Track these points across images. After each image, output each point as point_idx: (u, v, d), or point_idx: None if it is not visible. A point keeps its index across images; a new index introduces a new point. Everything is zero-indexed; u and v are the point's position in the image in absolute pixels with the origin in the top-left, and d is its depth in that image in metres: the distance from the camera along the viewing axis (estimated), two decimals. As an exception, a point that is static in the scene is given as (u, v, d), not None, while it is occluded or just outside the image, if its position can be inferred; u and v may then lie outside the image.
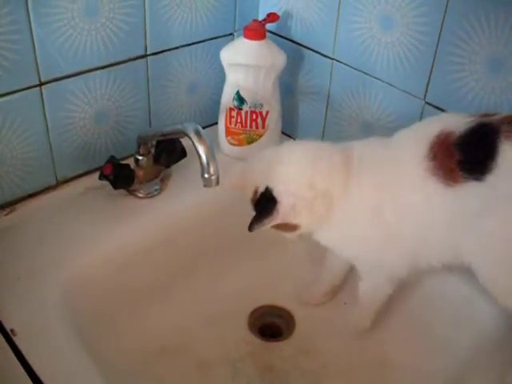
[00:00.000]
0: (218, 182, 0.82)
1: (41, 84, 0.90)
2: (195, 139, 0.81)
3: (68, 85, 0.94)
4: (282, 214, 0.82)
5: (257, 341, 1.01)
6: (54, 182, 1.01)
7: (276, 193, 0.83)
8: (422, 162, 0.79)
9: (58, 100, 0.94)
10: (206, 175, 0.81)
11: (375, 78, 1.02)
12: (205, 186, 0.82)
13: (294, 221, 0.83)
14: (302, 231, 0.86)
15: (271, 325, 1.06)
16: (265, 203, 0.83)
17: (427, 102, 0.97)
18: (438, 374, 0.91)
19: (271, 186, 0.83)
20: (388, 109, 1.03)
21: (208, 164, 0.81)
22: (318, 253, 0.97)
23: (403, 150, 0.83)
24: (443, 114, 0.91)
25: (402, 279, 0.90)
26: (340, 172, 0.84)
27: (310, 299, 1.06)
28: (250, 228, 0.82)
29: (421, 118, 0.98)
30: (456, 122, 0.78)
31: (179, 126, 0.85)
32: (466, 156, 0.76)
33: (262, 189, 0.84)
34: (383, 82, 1.01)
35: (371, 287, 0.94)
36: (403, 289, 0.94)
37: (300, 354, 0.99)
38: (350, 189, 0.83)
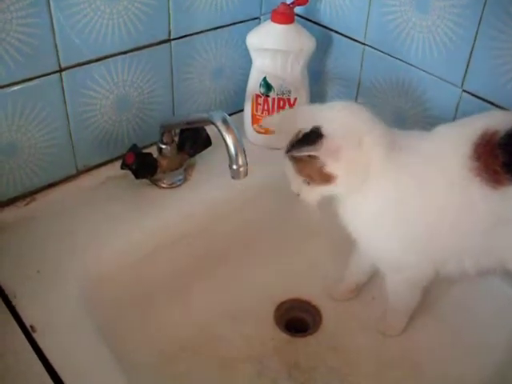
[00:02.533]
0: (246, 174, 0.79)
1: (61, 70, 0.88)
2: (222, 128, 0.79)
3: (89, 71, 0.91)
4: (325, 149, 0.77)
5: (283, 336, 0.99)
6: (74, 172, 0.99)
7: (324, 130, 0.78)
8: (465, 162, 0.76)
9: (79, 86, 0.92)
10: (235, 166, 0.79)
11: (409, 64, 0.98)
12: (233, 177, 0.80)
13: (332, 166, 0.78)
14: (332, 189, 0.81)
15: (297, 319, 1.04)
16: (311, 135, 0.78)
17: (465, 90, 0.92)
18: (468, 378, 0.89)
19: (320, 125, 0.78)
20: (422, 97, 0.99)
21: (236, 155, 0.78)
22: (346, 247, 0.94)
23: (445, 148, 0.79)
24: (491, 111, 0.87)
25: (427, 285, 0.88)
26: (382, 150, 0.80)
27: (336, 294, 1.04)
28: (288, 150, 0.79)
29: (458, 107, 0.94)
30: (502, 121, 0.75)
31: (205, 115, 0.82)
32: (510, 158, 0.73)
33: (307, 130, 0.79)
34: (418, 68, 0.97)
35: (398, 293, 0.92)
36: (437, 289, 0.92)
37: (326, 351, 0.97)
38: (386, 174, 0.80)
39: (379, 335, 0.97)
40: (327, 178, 0.79)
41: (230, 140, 0.78)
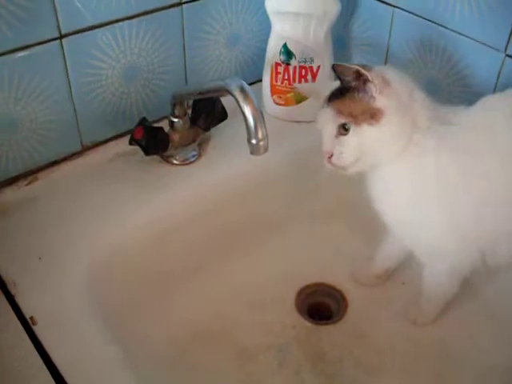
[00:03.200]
0: (267, 149, 0.74)
1: (61, 37, 0.83)
2: (240, 98, 0.73)
3: (92, 37, 0.87)
4: (376, 76, 0.73)
5: (305, 323, 0.95)
6: (79, 148, 0.95)
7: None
8: None
9: (82, 55, 0.87)
10: (254, 141, 0.73)
11: (444, 27, 0.92)
12: (252, 153, 0.75)
13: (380, 100, 0.73)
14: (374, 138, 0.74)
15: (321, 305, 0.99)
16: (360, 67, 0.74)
17: (508, 55, 0.86)
18: (506, 370, 0.85)
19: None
20: (459, 64, 0.93)
21: (256, 127, 0.73)
22: (374, 229, 0.88)
23: (496, 120, 0.73)
24: None
25: (467, 275, 0.83)
26: (428, 115, 0.75)
27: (363, 279, 0.99)
28: (334, 65, 0.74)
29: (499, 75, 0.88)
30: None
31: (221, 83, 0.77)
32: None
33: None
34: (454, 31, 0.91)
35: (434, 281, 0.87)
36: (477, 279, 0.88)
37: (353, 340, 0.93)
38: (427, 145, 0.75)
39: (409, 322, 0.93)
40: (373, 114, 0.73)
41: (248, 111, 0.72)
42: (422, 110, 0.75)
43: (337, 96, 0.76)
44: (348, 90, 0.74)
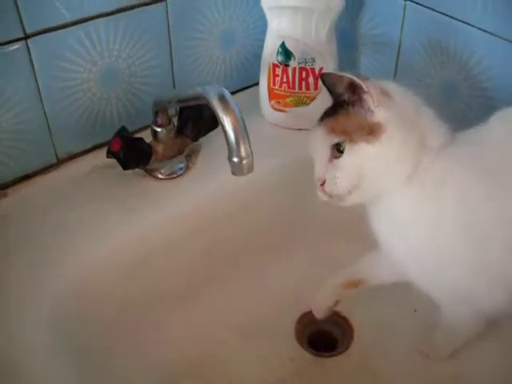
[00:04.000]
0: (251, 169, 0.68)
1: (26, 37, 0.78)
2: (219, 108, 0.67)
3: (63, 37, 0.82)
4: (373, 86, 0.67)
5: (306, 355, 0.89)
6: (54, 161, 0.90)
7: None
8: None
9: (51, 57, 0.82)
10: (235, 159, 0.68)
11: (464, 22, 0.87)
12: (233, 173, 0.69)
13: (379, 113, 0.67)
14: (374, 157, 0.67)
15: (323, 334, 0.94)
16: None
17: None
18: None
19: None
20: (481, 64, 0.87)
21: (237, 143, 0.67)
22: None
23: None
24: None
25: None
26: (436, 135, 0.69)
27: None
28: (323, 75, 0.70)
29: None
30: None
31: (198, 89, 0.71)
32: None
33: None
34: (475, 27, 0.86)
35: (456, 322, 0.78)
36: None
37: (359, 375, 0.87)
38: (440, 170, 0.67)
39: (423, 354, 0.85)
40: (371, 130, 0.66)
41: (228, 123, 0.66)
42: (432, 126, 0.68)
43: (329, 113, 0.70)
44: (341, 105, 0.69)
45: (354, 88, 0.67)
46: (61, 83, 0.84)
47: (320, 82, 0.95)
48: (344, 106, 0.68)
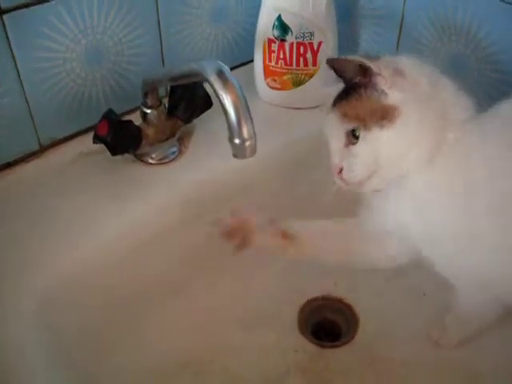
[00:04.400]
0: (254, 151, 0.65)
1: (1, 12, 0.73)
2: (218, 85, 0.63)
3: (42, 13, 0.77)
4: (384, 66, 0.65)
5: (309, 346, 0.87)
6: (36, 147, 0.87)
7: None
8: None
9: (30, 35, 0.77)
10: (237, 140, 0.64)
11: None
12: (235, 156, 0.66)
13: (393, 96, 0.64)
14: (391, 141, 0.65)
15: (327, 323, 0.92)
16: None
17: None
18: None
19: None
20: (490, 35, 0.84)
21: (239, 123, 0.63)
22: None
23: None
24: None
25: None
26: (459, 107, 0.66)
27: None
28: (329, 61, 0.67)
29: None
30: None
31: (194, 66, 0.68)
32: None
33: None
34: None
35: (471, 309, 0.77)
36: None
37: (365, 365, 0.84)
38: (467, 145, 0.65)
39: (431, 342, 0.84)
40: (385, 114, 0.64)
41: (229, 101, 0.62)
42: (454, 98, 0.66)
43: (342, 97, 0.68)
44: (354, 89, 0.66)
45: (364, 70, 0.65)
46: (41, 64, 0.80)
47: (319, 58, 0.93)
48: (356, 89, 0.66)
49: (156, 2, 0.88)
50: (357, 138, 0.66)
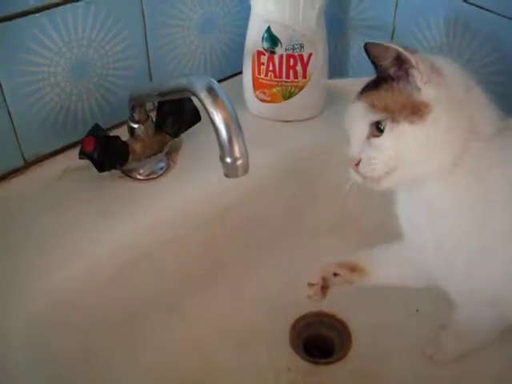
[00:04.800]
0: (246, 170, 0.64)
1: None
2: (208, 102, 0.62)
3: (25, 26, 0.77)
4: (422, 60, 0.62)
5: (302, 364, 0.86)
6: (20, 163, 0.86)
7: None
8: None
9: (13, 48, 0.77)
10: (229, 159, 0.63)
11: (466, 1, 0.83)
12: (226, 175, 0.65)
13: (426, 92, 0.62)
14: (418, 138, 0.63)
15: (319, 340, 0.91)
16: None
17: None
18: None
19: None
20: (485, 45, 0.83)
21: (231, 141, 0.62)
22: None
23: None
24: None
25: None
26: (489, 121, 0.64)
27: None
28: (367, 44, 0.65)
29: None
30: None
31: (183, 81, 0.67)
32: None
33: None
34: (479, 6, 0.82)
35: (471, 327, 0.75)
36: None
37: (359, 381, 0.84)
38: (489, 159, 0.63)
39: (427, 358, 0.83)
40: (416, 109, 0.62)
41: (220, 118, 0.61)
42: (484, 110, 0.64)
43: (371, 87, 0.66)
44: (385, 80, 0.64)
45: (400, 62, 0.63)
46: (25, 78, 0.79)
47: (309, 70, 0.92)
48: (388, 81, 0.64)
49: (143, 13, 0.87)
50: (381, 130, 0.64)
